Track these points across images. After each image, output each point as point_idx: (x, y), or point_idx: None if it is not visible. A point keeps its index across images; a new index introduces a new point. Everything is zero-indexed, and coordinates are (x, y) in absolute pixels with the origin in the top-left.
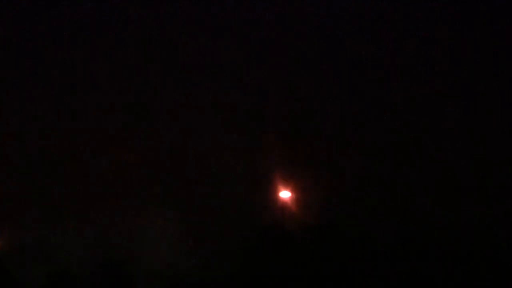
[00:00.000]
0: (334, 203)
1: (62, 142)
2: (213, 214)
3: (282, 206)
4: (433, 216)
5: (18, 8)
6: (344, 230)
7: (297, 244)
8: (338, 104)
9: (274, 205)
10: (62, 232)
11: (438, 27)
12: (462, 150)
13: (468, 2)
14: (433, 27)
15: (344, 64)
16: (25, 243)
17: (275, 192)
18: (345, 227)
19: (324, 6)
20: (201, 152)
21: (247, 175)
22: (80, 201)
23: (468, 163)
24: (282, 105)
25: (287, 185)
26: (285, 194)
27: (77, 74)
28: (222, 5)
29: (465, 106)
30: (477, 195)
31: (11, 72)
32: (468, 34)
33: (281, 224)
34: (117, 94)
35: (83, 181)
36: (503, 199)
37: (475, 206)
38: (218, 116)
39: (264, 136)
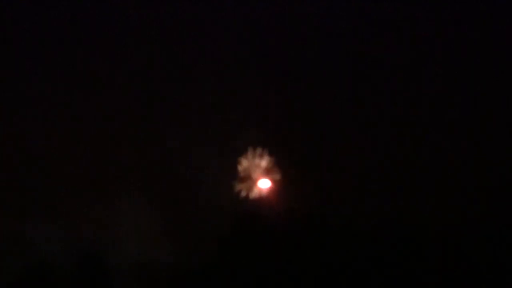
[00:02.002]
0: (314, 193)
1: (36, 137)
2: (191, 205)
3: (261, 196)
4: (415, 205)
5: (18, 8)
6: (323, 220)
7: (275, 234)
8: (321, 98)
9: (253, 195)
10: (38, 225)
11: (438, 27)
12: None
13: (468, 2)
14: (433, 27)
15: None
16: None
17: (254, 182)
18: (324, 217)
19: (324, 6)
20: (179, 143)
21: (226, 165)
22: (55, 195)
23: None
24: (266, 99)
25: (267, 175)
26: (264, 184)
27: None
28: (223, 5)
29: (465, 106)
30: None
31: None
32: (468, 34)
33: (259, 213)
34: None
35: (59, 175)
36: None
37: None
38: (198, 109)
39: (246, 129)
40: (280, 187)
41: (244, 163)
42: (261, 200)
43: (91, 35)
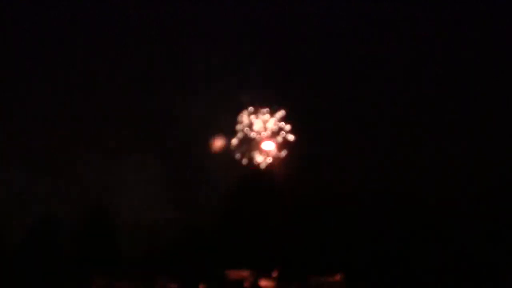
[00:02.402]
0: (317, 156)
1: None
2: (196, 165)
3: (265, 157)
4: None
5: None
6: (325, 183)
7: (278, 194)
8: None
9: (257, 156)
10: (45, 181)
11: (438, 27)
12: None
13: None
14: (433, 27)
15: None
16: (11, 191)
17: (258, 143)
18: (326, 180)
19: (324, 6)
20: (186, 103)
21: (231, 125)
22: (64, 151)
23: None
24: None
25: (271, 138)
26: (268, 146)
27: None
28: (222, 5)
29: (464, 105)
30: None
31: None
32: (468, 34)
33: (263, 174)
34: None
35: (67, 132)
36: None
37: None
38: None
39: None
40: (284, 150)
41: (248, 124)
42: (265, 162)
43: (91, 35)
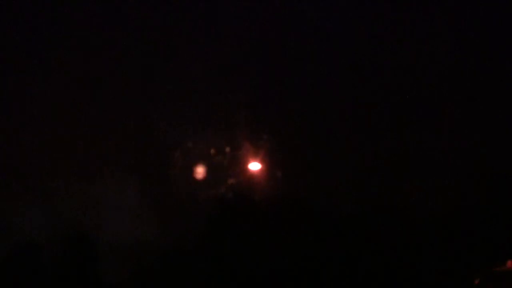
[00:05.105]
0: (305, 177)
1: (17, 111)
2: (179, 186)
3: (251, 178)
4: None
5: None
6: (312, 204)
7: (264, 216)
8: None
9: (243, 177)
10: (21, 203)
11: (438, 27)
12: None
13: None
14: (433, 27)
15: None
16: None
17: (244, 164)
18: (313, 201)
19: (324, 7)
20: (166, 121)
21: (216, 144)
22: (39, 172)
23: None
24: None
25: (257, 157)
26: (254, 166)
27: None
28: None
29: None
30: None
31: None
32: (469, 34)
33: (248, 196)
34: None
35: (43, 150)
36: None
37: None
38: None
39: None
40: (270, 170)
41: (234, 145)
42: (251, 183)
43: (91, 35)
